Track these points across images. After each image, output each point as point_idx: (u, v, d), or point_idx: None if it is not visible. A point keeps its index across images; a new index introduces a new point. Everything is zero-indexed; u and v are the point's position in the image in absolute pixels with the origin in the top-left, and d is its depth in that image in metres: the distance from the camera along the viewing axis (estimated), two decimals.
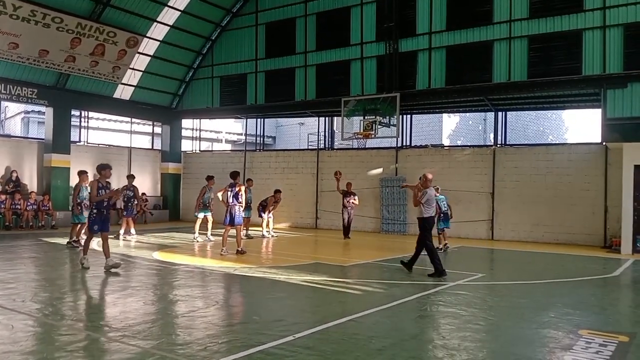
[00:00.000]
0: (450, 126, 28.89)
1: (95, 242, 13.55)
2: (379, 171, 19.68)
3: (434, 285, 8.68)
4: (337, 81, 19.88)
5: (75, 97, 20.12)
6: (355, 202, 16.57)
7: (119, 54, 19.53)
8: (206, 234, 14.87)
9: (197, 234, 14.76)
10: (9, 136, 22.31)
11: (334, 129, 23.07)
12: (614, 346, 5.30)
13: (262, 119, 24.56)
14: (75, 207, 12.73)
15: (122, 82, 21.14)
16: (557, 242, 16.24)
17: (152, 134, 25.86)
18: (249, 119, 24.59)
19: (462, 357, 4.88)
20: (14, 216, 17.30)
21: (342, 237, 16.38)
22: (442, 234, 13.68)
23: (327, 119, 22.89)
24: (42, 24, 16.87)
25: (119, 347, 5.03)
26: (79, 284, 8.64)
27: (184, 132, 25.54)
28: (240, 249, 11.82)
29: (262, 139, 25.33)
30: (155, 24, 20.55)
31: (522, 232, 17.02)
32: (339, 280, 9.07)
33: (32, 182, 19.54)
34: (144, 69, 21.63)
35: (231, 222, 11.91)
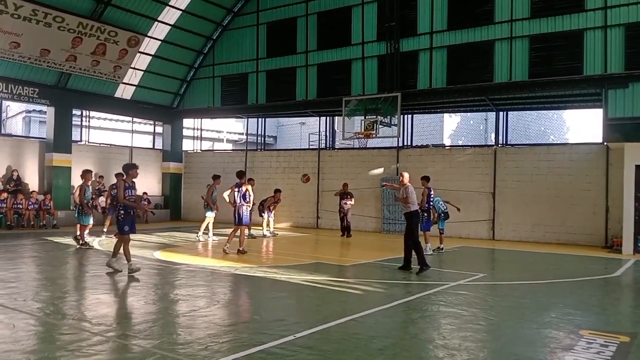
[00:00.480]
0: (451, 126, 28.86)
1: (96, 242, 13.64)
2: (380, 171, 19.68)
3: (434, 285, 8.69)
4: (338, 81, 19.89)
5: (76, 97, 20.15)
6: (351, 203, 16.91)
7: (120, 54, 19.54)
8: (208, 233, 14.88)
9: (201, 232, 14.72)
10: (11, 135, 22.30)
11: (335, 128, 23.06)
12: (615, 346, 5.30)
13: (263, 119, 24.56)
14: (85, 207, 12.51)
15: (124, 81, 21.15)
16: (558, 242, 16.23)
17: (154, 134, 25.85)
18: (250, 119, 24.59)
19: (463, 357, 4.88)
20: (15, 215, 17.34)
21: (340, 235, 16.84)
22: (442, 234, 13.68)
23: (328, 118, 22.90)
24: (43, 24, 16.89)
25: (120, 346, 5.05)
26: (80, 284, 8.65)
27: (185, 132, 25.56)
28: (241, 248, 11.84)
29: (263, 139, 25.32)
30: (156, 23, 20.56)
31: (523, 232, 17.02)
32: (339, 279, 9.08)
33: (33, 181, 19.57)
34: (145, 69, 21.65)
35: (239, 222, 11.93)
